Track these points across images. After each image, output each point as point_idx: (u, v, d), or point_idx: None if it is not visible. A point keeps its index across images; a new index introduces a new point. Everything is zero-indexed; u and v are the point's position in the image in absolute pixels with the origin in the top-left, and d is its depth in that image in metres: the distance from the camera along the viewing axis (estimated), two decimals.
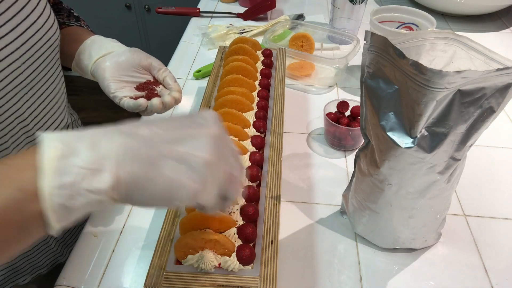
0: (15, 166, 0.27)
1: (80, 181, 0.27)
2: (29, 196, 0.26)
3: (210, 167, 0.30)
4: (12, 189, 0.25)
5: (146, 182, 0.29)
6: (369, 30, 0.45)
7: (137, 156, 0.28)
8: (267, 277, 0.43)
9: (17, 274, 0.63)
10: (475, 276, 0.52)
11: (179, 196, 0.30)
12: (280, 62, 0.78)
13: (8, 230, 0.26)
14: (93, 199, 0.27)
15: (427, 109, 0.39)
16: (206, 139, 0.31)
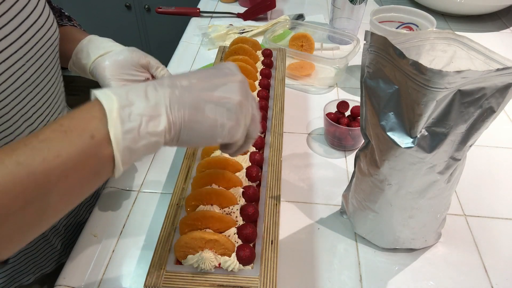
0: (81, 119, 0.30)
1: (141, 126, 0.31)
2: (101, 142, 0.29)
3: (241, 107, 0.36)
4: (86, 137, 0.29)
5: (193, 124, 0.33)
6: (369, 30, 0.45)
7: (183, 102, 0.33)
8: (267, 277, 0.43)
9: (21, 274, 0.64)
10: (475, 276, 0.52)
11: (219, 133, 0.35)
12: (280, 62, 0.78)
13: (84, 174, 0.30)
14: (152, 141, 0.32)
15: (427, 109, 0.39)
16: (235, 84, 0.36)
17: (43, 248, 0.65)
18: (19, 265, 0.63)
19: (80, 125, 0.29)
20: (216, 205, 0.49)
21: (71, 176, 0.29)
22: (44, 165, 0.27)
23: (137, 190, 0.64)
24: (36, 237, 0.30)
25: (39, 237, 0.63)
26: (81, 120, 0.30)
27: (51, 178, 0.28)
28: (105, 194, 0.63)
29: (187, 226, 0.47)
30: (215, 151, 0.56)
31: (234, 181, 0.52)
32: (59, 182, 0.28)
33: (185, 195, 0.52)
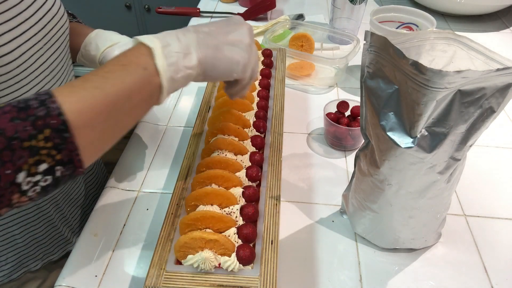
0: (134, 56, 0.38)
1: (179, 61, 0.39)
2: (152, 72, 0.38)
3: (250, 47, 0.45)
4: (140, 69, 0.37)
5: (215, 60, 0.42)
6: (369, 30, 0.45)
7: (207, 44, 0.41)
8: (267, 277, 0.43)
9: (29, 260, 0.66)
10: (475, 276, 0.52)
11: (235, 69, 0.44)
12: (280, 62, 0.78)
13: (142, 96, 0.38)
14: (187, 73, 0.40)
15: (427, 109, 0.39)
16: (244, 30, 0.45)
17: (51, 235, 0.67)
18: (27, 250, 0.64)
19: (134, 61, 0.37)
20: (216, 205, 0.49)
21: (133, 97, 0.37)
22: (114, 88, 0.35)
23: (137, 190, 0.64)
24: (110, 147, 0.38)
25: (47, 223, 0.65)
26: (134, 57, 0.38)
27: (119, 98, 0.36)
28: (105, 194, 0.63)
29: (187, 226, 0.47)
30: (215, 151, 0.56)
31: (234, 181, 0.52)
32: (125, 102, 0.36)
33: (185, 195, 0.52)
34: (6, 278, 0.64)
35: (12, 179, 0.30)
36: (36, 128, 0.31)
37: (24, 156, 0.30)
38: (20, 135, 0.30)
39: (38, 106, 0.32)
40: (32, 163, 0.31)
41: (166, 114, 0.79)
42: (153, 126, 0.76)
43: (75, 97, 0.33)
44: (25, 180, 0.31)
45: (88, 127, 0.34)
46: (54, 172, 0.33)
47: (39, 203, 0.62)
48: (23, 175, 0.31)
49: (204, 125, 0.64)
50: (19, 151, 0.30)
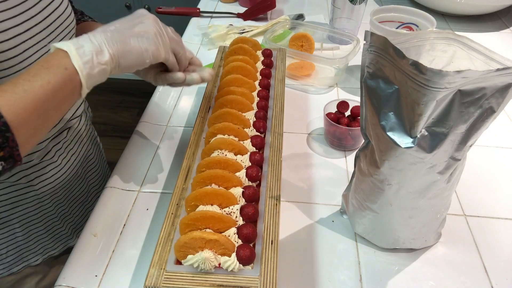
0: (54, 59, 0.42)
1: (93, 58, 0.43)
2: (72, 71, 0.42)
3: (157, 35, 0.49)
4: (62, 69, 0.41)
5: (125, 53, 0.46)
6: (369, 30, 0.45)
7: (115, 40, 0.46)
8: (267, 277, 0.43)
9: (29, 254, 0.66)
10: (475, 276, 0.52)
11: (146, 56, 0.48)
12: (280, 62, 0.78)
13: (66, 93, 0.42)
14: (102, 68, 0.44)
15: (427, 109, 0.39)
16: (149, 21, 0.49)
17: (51, 230, 0.67)
18: (27, 244, 0.65)
19: (56, 63, 0.41)
20: (216, 205, 0.49)
21: (58, 95, 0.41)
22: (42, 89, 0.39)
23: (137, 190, 0.64)
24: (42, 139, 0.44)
25: (48, 220, 0.66)
26: (55, 60, 0.42)
27: (47, 97, 0.40)
28: (105, 194, 0.63)
29: (187, 226, 0.47)
30: (215, 151, 0.56)
31: (234, 181, 0.52)
32: (53, 99, 0.41)
33: (185, 195, 0.52)
34: (6, 271, 0.65)
35: None
36: None
37: None
38: None
39: None
40: None
41: (166, 114, 0.79)
42: (153, 126, 0.76)
43: (9, 100, 0.37)
44: None
45: (24, 126, 0.38)
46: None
47: (41, 200, 0.62)
48: None
49: (204, 125, 0.64)
50: None
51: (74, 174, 0.67)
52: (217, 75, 0.75)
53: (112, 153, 0.88)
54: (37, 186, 0.60)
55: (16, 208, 0.60)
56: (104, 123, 2.12)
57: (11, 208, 0.60)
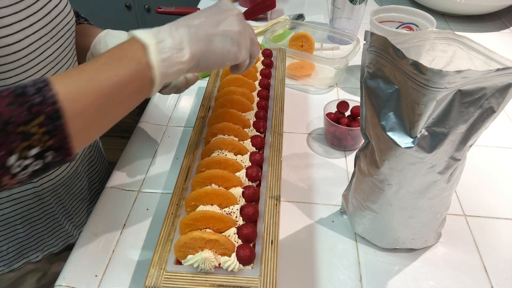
0: (128, 50, 0.39)
1: (172, 57, 0.41)
2: (145, 67, 0.39)
3: (241, 35, 0.47)
4: (134, 63, 0.39)
5: (207, 53, 0.44)
6: (369, 30, 0.45)
7: (198, 38, 0.43)
8: (267, 277, 0.43)
9: (30, 251, 0.66)
10: (475, 276, 0.52)
11: (227, 58, 0.46)
12: (280, 62, 0.78)
13: (133, 89, 0.39)
14: (179, 68, 0.42)
15: (427, 109, 0.39)
16: (233, 18, 0.46)
17: (52, 227, 0.67)
18: (28, 241, 0.65)
19: (129, 55, 0.39)
20: (216, 205, 0.49)
21: (125, 90, 0.39)
22: (108, 80, 0.37)
23: (137, 190, 0.64)
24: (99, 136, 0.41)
25: (49, 217, 0.66)
26: (129, 51, 0.39)
27: (112, 90, 0.38)
28: (105, 194, 0.63)
29: (187, 226, 0.47)
30: (215, 151, 0.56)
31: (234, 181, 0.52)
32: (118, 94, 0.38)
33: (185, 195, 0.52)
34: (7, 268, 0.65)
35: (3, 161, 0.32)
36: (31, 114, 0.32)
37: (17, 140, 0.32)
38: (15, 120, 0.32)
39: (34, 93, 0.33)
40: (24, 147, 0.33)
41: (166, 114, 0.79)
42: (153, 126, 0.76)
43: (70, 86, 0.35)
44: (16, 163, 0.33)
45: (80, 116, 0.36)
46: (44, 157, 0.34)
47: (42, 197, 0.63)
48: (15, 158, 0.32)
49: (204, 125, 0.64)
50: (12, 135, 0.32)
51: (74, 172, 0.67)
52: (217, 75, 0.75)
53: (112, 153, 0.88)
54: (37, 182, 0.60)
55: (17, 205, 0.61)
56: None
57: (12, 205, 0.60)
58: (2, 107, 0.32)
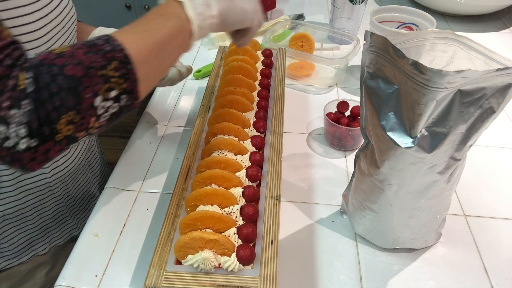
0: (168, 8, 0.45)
1: (204, 11, 0.46)
2: (185, 21, 0.45)
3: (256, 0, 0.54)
4: (176, 17, 0.44)
5: (230, 10, 0.49)
6: (369, 30, 0.45)
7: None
8: (267, 277, 0.43)
9: (38, 243, 0.68)
10: (475, 276, 0.52)
11: (246, 17, 0.52)
12: (280, 62, 0.78)
13: (179, 41, 0.45)
14: (210, 22, 0.47)
15: (427, 109, 0.39)
16: None
17: (59, 218, 0.70)
18: (36, 232, 0.67)
19: (170, 11, 0.44)
20: (216, 205, 0.49)
21: (173, 41, 0.44)
22: (160, 32, 0.42)
23: (137, 190, 0.64)
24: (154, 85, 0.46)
25: (56, 207, 0.68)
26: (169, 8, 0.44)
27: (164, 40, 0.42)
28: (105, 194, 0.63)
29: (187, 226, 0.47)
30: (215, 151, 0.56)
31: (234, 181, 0.52)
32: (168, 44, 0.43)
33: (185, 195, 0.52)
34: (16, 261, 0.66)
35: (91, 102, 0.36)
36: (106, 59, 0.37)
37: (99, 82, 0.36)
38: (94, 65, 0.36)
39: (104, 43, 0.38)
40: (106, 89, 0.37)
41: (166, 114, 0.79)
42: (153, 126, 0.76)
43: (131, 37, 0.40)
44: (100, 104, 0.37)
45: (144, 62, 0.40)
46: (120, 100, 0.38)
47: (52, 188, 0.64)
48: (99, 99, 0.36)
49: (204, 125, 0.64)
50: (95, 78, 0.36)
51: (80, 164, 0.69)
52: (217, 75, 0.75)
53: (112, 153, 0.88)
54: (49, 173, 0.62)
55: (29, 196, 0.62)
56: None
57: (25, 196, 0.62)
58: (81, 56, 0.36)
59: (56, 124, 0.34)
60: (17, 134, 0.33)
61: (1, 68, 0.33)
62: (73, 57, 0.35)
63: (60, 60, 0.35)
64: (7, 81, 0.33)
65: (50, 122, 0.34)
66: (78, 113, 0.35)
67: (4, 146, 0.34)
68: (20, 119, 0.33)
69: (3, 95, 0.33)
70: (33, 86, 0.33)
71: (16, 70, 0.34)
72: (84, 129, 0.37)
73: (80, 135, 0.37)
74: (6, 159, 0.35)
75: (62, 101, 0.34)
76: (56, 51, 0.36)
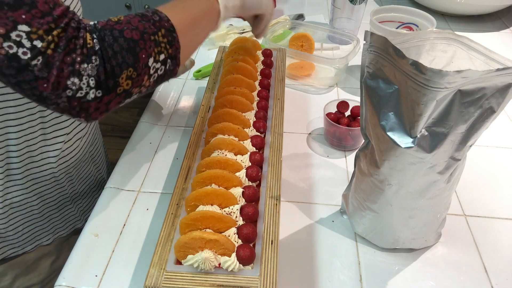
0: None
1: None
2: (214, 1, 0.52)
3: None
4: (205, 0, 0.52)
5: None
6: (369, 30, 0.45)
7: None
8: (267, 277, 0.43)
9: (42, 233, 0.69)
10: (475, 276, 0.52)
11: (263, 2, 0.61)
12: (280, 62, 0.78)
13: (210, 18, 0.52)
14: (233, 4, 0.55)
15: (427, 109, 0.39)
16: None
17: (63, 209, 0.71)
18: (41, 222, 0.68)
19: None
20: (216, 205, 0.49)
21: (205, 18, 0.51)
22: (195, 9, 0.50)
23: (137, 190, 0.64)
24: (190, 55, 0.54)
25: (62, 198, 0.69)
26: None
27: (199, 16, 0.50)
28: (105, 194, 0.63)
29: (187, 226, 0.47)
30: (215, 151, 0.56)
31: (234, 181, 0.52)
32: (201, 20, 0.51)
33: (185, 195, 0.52)
34: (21, 249, 0.67)
35: (146, 62, 0.42)
36: (156, 27, 0.43)
37: (152, 45, 0.43)
38: (147, 31, 0.43)
39: (152, 14, 0.45)
40: (157, 52, 0.43)
41: (166, 114, 0.79)
42: (153, 126, 0.76)
43: (172, 11, 0.46)
44: (152, 64, 0.43)
45: (184, 32, 0.46)
46: (166, 64, 0.45)
47: (58, 178, 0.65)
48: (152, 60, 0.43)
49: (204, 125, 0.64)
50: (148, 41, 0.42)
51: (84, 156, 0.70)
52: (217, 75, 0.75)
53: (112, 153, 0.88)
54: (55, 163, 0.63)
55: (35, 185, 0.63)
56: (104, 123, 2.12)
57: (32, 185, 0.62)
58: (136, 23, 0.43)
59: (119, 78, 0.41)
60: (88, 85, 0.39)
61: (70, 30, 0.38)
62: (130, 23, 0.42)
63: (119, 25, 0.42)
64: (78, 40, 0.39)
65: (114, 75, 0.40)
66: (135, 70, 0.41)
67: (76, 96, 0.39)
68: (90, 72, 0.39)
69: (76, 52, 0.38)
70: (99, 45, 0.40)
71: (82, 31, 0.39)
72: (138, 86, 0.43)
73: (134, 91, 0.43)
74: (76, 109, 0.40)
75: (123, 58, 0.40)
76: (114, 19, 0.42)
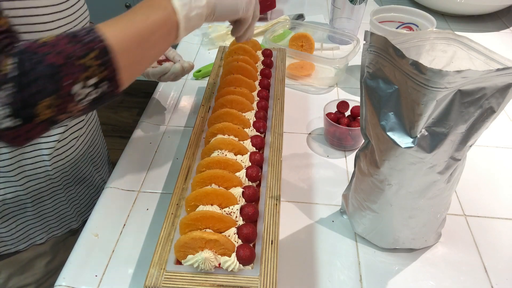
0: None
1: (191, 1, 0.47)
2: (170, 12, 0.46)
3: None
4: (161, 8, 0.45)
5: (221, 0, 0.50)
6: (369, 30, 0.45)
7: None
8: (267, 277, 0.43)
9: (36, 231, 0.69)
10: (475, 276, 0.52)
11: (239, 6, 0.53)
12: (280, 62, 0.78)
13: (163, 32, 0.46)
14: (198, 12, 0.48)
15: (427, 109, 0.39)
16: None
17: (58, 209, 0.70)
18: (35, 221, 0.67)
19: (156, 3, 0.45)
20: (216, 205, 0.49)
21: (157, 32, 0.45)
22: (142, 23, 0.44)
23: (137, 190, 0.64)
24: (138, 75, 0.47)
25: (56, 197, 0.68)
26: (155, 0, 0.45)
27: (146, 31, 0.44)
28: (105, 194, 0.63)
29: (187, 226, 0.47)
30: (215, 151, 0.56)
31: (234, 181, 0.52)
32: (151, 35, 0.44)
33: (185, 195, 0.52)
34: (13, 248, 0.67)
35: (69, 90, 0.38)
36: (87, 49, 0.39)
37: (78, 70, 0.38)
38: (75, 54, 0.38)
39: (85, 34, 0.40)
40: (85, 77, 0.39)
41: (166, 114, 0.79)
42: (153, 126, 0.76)
43: (113, 28, 0.42)
44: (79, 90, 0.39)
45: (124, 52, 0.42)
46: (100, 86, 0.40)
47: (53, 177, 0.65)
48: (79, 86, 0.39)
49: (204, 125, 0.64)
50: (73, 67, 0.38)
51: (81, 156, 0.69)
52: (217, 75, 0.75)
53: (112, 153, 0.88)
54: (49, 161, 0.62)
55: (29, 183, 0.62)
56: (104, 123, 2.12)
57: (25, 182, 0.62)
58: (63, 46, 0.38)
59: (36, 107, 0.37)
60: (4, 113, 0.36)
61: None
62: (55, 46, 0.38)
63: (43, 48, 0.37)
64: None
65: (30, 105, 0.37)
66: (58, 97, 0.38)
67: None
68: (5, 100, 0.36)
69: None
70: (17, 71, 0.36)
71: (1, 56, 0.36)
72: (64, 113, 0.39)
73: (61, 118, 0.40)
74: None
75: (42, 86, 0.37)
76: (41, 40, 0.38)
